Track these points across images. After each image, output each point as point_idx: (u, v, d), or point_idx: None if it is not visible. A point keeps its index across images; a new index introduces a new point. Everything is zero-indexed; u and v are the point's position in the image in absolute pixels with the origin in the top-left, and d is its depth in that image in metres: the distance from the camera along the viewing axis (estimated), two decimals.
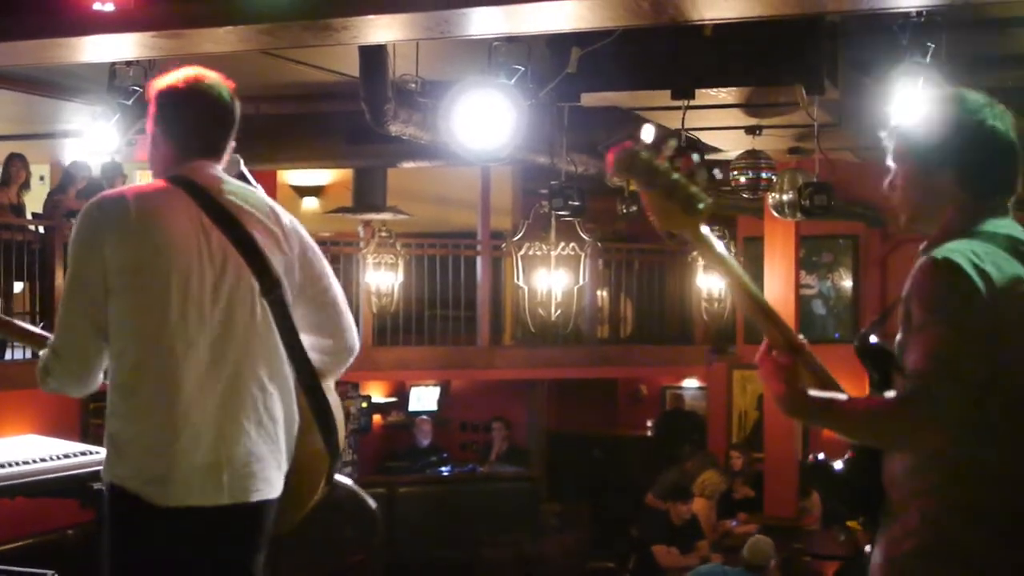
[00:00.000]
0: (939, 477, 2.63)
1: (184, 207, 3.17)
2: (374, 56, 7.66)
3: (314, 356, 3.35)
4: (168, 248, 3.12)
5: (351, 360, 3.48)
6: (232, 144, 3.39)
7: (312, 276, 3.35)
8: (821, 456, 2.86)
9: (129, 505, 3.14)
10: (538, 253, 12.29)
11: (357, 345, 3.48)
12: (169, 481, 3.12)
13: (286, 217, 3.36)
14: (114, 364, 3.19)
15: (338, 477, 3.60)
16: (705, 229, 2.57)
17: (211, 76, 3.33)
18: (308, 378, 3.32)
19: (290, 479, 3.31)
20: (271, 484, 3.25)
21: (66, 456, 4.54)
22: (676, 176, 2.52)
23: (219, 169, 3.32)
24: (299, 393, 3.31)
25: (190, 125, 3.31)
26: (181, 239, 3.13)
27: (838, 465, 2.83)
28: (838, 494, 2.94)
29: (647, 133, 2.68)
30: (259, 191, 3.47)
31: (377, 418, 13.84)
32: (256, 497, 3.21)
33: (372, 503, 4.05)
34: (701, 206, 2.53)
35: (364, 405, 13.00)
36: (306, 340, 3.33)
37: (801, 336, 2.72)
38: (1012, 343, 2.58)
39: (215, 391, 3.14)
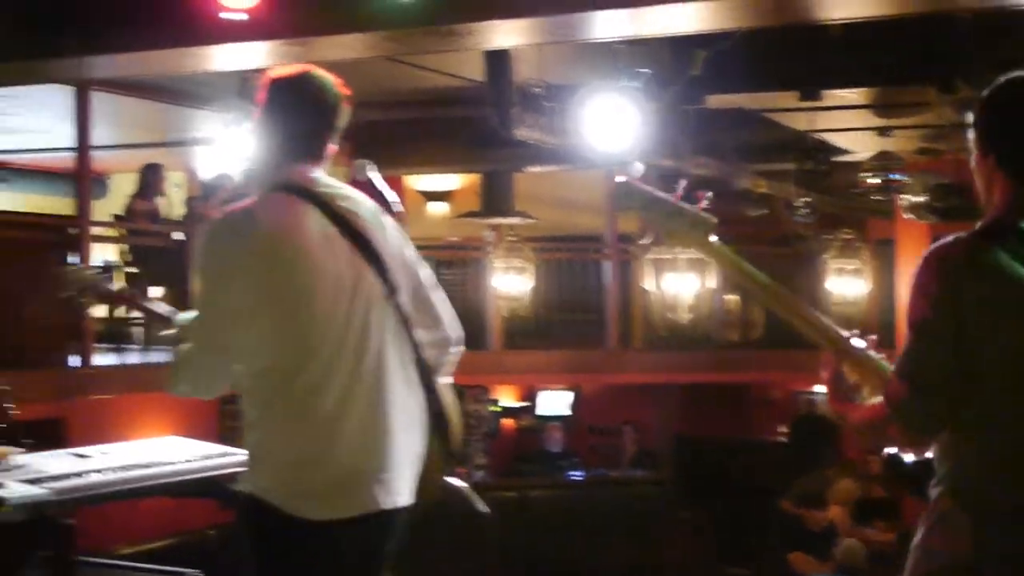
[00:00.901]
0: (944, 467, 2.68)
1: (307, 217, 3.16)
2: (499, 61, 7.71)
3: (428, 352, 3.35)
4: (301, 262, 3.11)
5: (454, 351, 3.45)
6: (335, 145, 3.33)
7: (411, 273, 3.34)
8: (894, 450, 2.93)
9: (272, 517, 3.13)
10: (666, 256, 12.22)
11: (454, 335, 3.44)
12: (317, 495, 3.13)
13: (386, 218, 3.35)
14: (254, 378, 3.17)
15: (451, 481, 3.59)
16: (715, 240, 2.79)
17: (320, 73, 3.29)
18: (425, 378, 3.31)
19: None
20: (408, 489, 3.25)
21: (206, 457, 4.64)
22: (672, 202, 2.80)
23: (321, 172, 3.29)
24: None
25: (294, 119, 3.26)
26: (312, 251, 3.12)
27: (908, 458, 2.92)
28: (910, 487, 2.97)
29: (635, 169, 3.01)
30: (388, 195, 3.50)
31: (508, 422, 13.87)
32: (396, 504, 3.21)
33: (484, 508, 4.06)
34: (704, 226, 2.78)
35: (494, 409, 13.04)
36: (421, 336, 3.33)
37: (853, 332, 2.80)
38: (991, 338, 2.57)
39: (358, 401, 3.14)
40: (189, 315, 3.34)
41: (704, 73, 6.68)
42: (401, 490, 3.22)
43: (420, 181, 14.42)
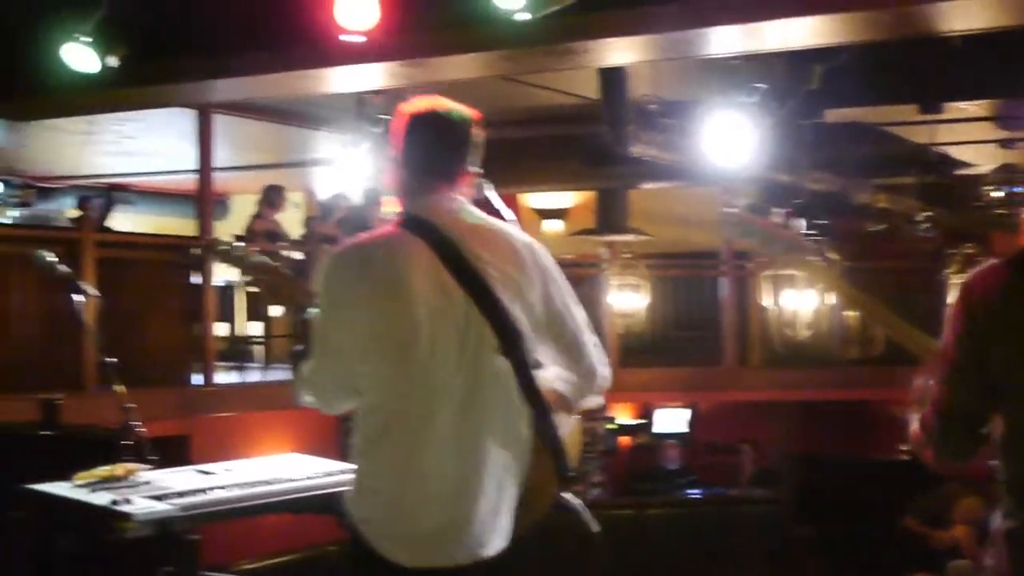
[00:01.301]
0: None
1: (423, 260, 3.13)
2: (614, 78, 7.70)
3: (560, 385, 3.29)
4: (412, 307, 3.08)
5: (598, 389, 3.38)
6: (471, 170, 3.32)
7: (553, 312, 3.25)
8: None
9: (362, 549, 3.15)
10: (784, 273, 12.09)
11: (600, 375, 3.35)
12: (407, 541, 3.13)
13: (528, 249, 3.26)
14: (363, 414, 3.19)
15: (566, 498, 3.56)
16: (816, 260, 3.03)
17: (449, 103, 3.30)
18: (541, 416, 3.23)
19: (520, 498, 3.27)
20: (505, 535, 3.21)
21: (327, 474, 4.68)
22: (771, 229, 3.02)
23: (456, 199, 3.27)
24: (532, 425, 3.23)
25: (424, 150, 3.26)
26: (425, 296, 3.09)
27: None
28: None
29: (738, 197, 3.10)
30: (505, 213, 3.49)
31: (624, 439, 13.82)
32: (479, 557, 3.16)
33: (596, 527, 4.03)
34: (802, 248, 2.98)
35: (610, 427, 13.01)
36: (551, 371, 3.29)
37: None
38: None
39: (457, 451, 3.11)
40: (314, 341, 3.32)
41: (821, 87, 6.60)
42: (496, 539, 3.18)
43: (535, 199, 14.46)
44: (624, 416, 13.97)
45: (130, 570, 5.43)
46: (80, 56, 5.64)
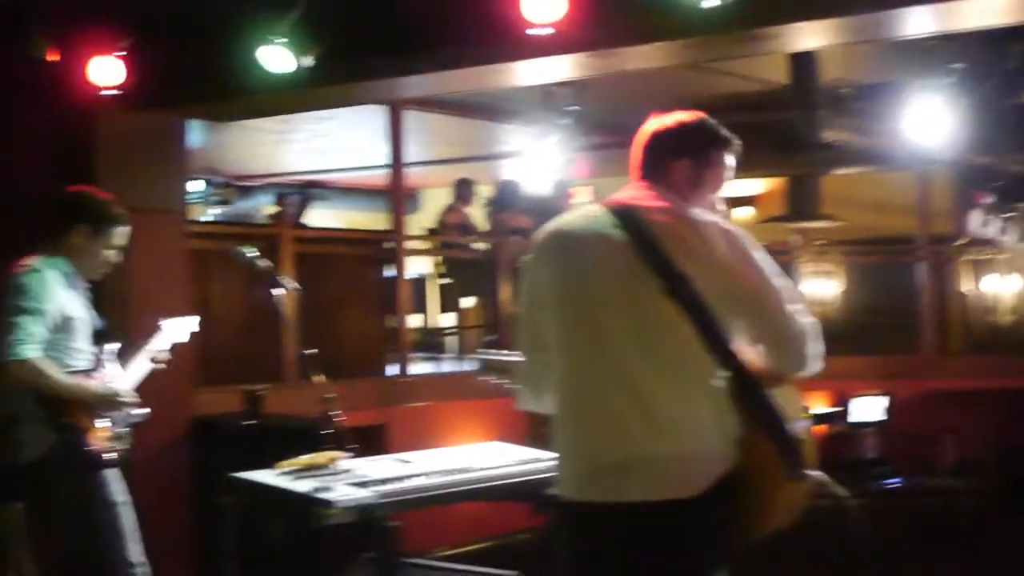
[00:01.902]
0: None
1: (598, 223, 3.33)
2: (804, 63, 7.59)
3: (762, 358, 3.29)
4: (580, 264, 3.29)
5: (802, 371, 3.37)
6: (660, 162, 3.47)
7: (741, 284, 3.26)
8: None
9: (560, 506, 3.32)
10: (985, 257, 11.71)
11: (805, 354, 3.32)
12: (581, 479, 3.26)
13: (708, 220, 3.34)
14: (556, 377, 3.36)
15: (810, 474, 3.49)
16: None
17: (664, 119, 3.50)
18: (739, 377, 3.23)
19: (741, 489, 3.24)
20: (688, 481, 3.18)
21: (520, 462, 4.76)
22: None
23: (656, 189, 3.42)
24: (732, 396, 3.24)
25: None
26: (592, 253, 3.29)
27: None
28: None
29: None
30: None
31: (819, 428, 13.60)
32: (670, 495, 3.17)
33: (843, 491, 3.96)
34: None
35: (805, 416, 12.82)
36: (749, 347, 3.29)
37: None
38: None
39: (632, 397, 3.19)
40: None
41: (1021, 66, 6.39)
42: (678, 481, 3.17)
43: (724, 187, 14.33)
44: (819, 405, 13.74)
45: (332, 555, 5.59)
46: (276, 57, 5.80)
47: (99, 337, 5.23)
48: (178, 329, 5.59)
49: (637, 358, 3.20)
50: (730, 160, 3.63)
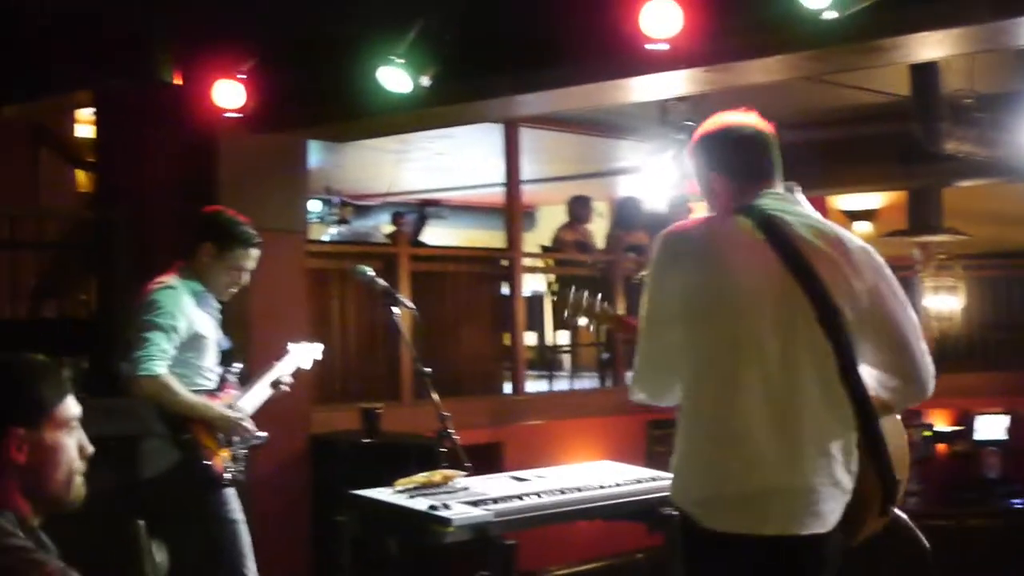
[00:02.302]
0: None
1: (744, 235, 3.21)
2: (925, 73, 7.44)
3: (878, 390, 3.26)
4: (728, 278, 3.17)
5: (920, 398, 3.36)
6: (779, 169, 3.41)
7: (882, 310, 3.22)
8: None
9: (683, 525, 3.26)
10: None
11: (930, 388, 3.31)
12: (714, 504, 3.17)
13: (856, 245, 3.28)
14: (683, 387, 3.27)
15: (895, 511, 3.48)
16: None
17: (742, 117, 3.42)
18: (864, 412, 3.19)
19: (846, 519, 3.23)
20: (823, 518, 3.17)
21: (637, 481, 4.72)
22: None
23: (780, 194, 3.35)
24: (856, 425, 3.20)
25: (735, 160, 3.38)
26: (742, 268, 3.17)
27: None
28: None
29: None
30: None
31: (940, 447, 13.31)
32: (805, 531, 3.14)
33: (925, 543, 3.89)
34: None
35: (926, 434, 12.55)
36: (871, 374, 3.24)
37: None
38: None
39: (772, 421, 3.12)
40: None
41: None
42: (811, 518, 3.15)
43: (843, 201, 14.13)
44: (940, 423, 13.45)
45: (448, 574, 5.59)
46: (394, 78, 5.86)
47: (226, 357, 5.31)
48: (304, 354, 5.65)
49: (782, 384, 3.14)
50: None
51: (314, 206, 14.46)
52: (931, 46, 5.47)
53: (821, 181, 10.44)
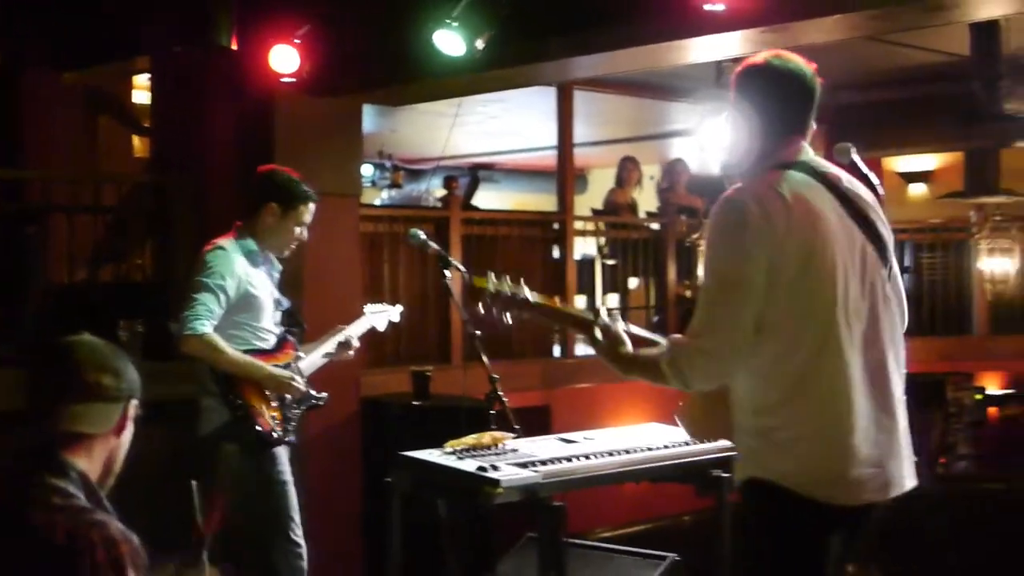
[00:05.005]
0: None
1: (823, 197, 3.17)
2: (986, 32, 7.34)
3: None
4: (825, 242, 3.10)
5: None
6: (814, 124, 3.32)
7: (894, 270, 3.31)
8: None
9: (789, 503, 3.12)
10: None
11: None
12: (844, 480, 3.10)
13: (874, 200, 3.34)
14: (771, 369, 3.15)
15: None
16: None
17: (789, 55, 3.32)
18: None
19: None
20: (911, 476, 3.23)
21: (686, 443, 4.71)
22: None
23: (809, 150, 3.30)
24: None
25: (777, 102, 3.28)
26: (832, 232, 3.12)
27: None
28: None
29: None
30: (871, 178, 3.45)
31: (992, 410, 13.20)
32: (903, 490, 3.19)
33: None
34: None
35: (978, 397, 12.45)
36: None
37: None
38: None
39: (870, 383, 3.13)
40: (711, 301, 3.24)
41: None
42: (907, 476, 3.21)
43: (899, 162, 13.99)
44: (992, 386, 13.34)
45: (498, 534, 5.64)
46: (449, 41, 5.85)
47: (288, 317, 5.35)
48: (379, 316, 5.68)
49: (875, 346, 3.16)
50: None
51: (367, 170, 14.50)
52: (992, 4, 5.40)
53: (878, 142, 10.34)
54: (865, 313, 3.13)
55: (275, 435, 5.04)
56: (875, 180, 3.47)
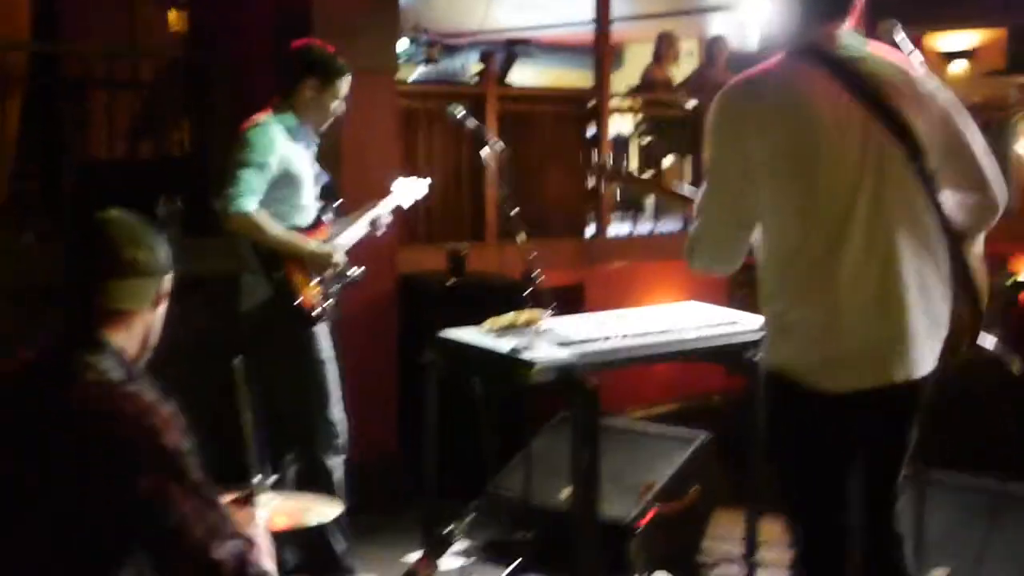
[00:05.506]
0: None
1: (820, 81, 3.15)
2: None
3: (957, 216, 3.28)
4: (812, 128, 3.11)
5: (997, 216, 3.36)
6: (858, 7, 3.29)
7: (952, 132, 3.25)
8: None
9: (789, 390, 3.21)
10: None
11: (1003, 198, 3.33)
12: (834, 365, 3.16)
13: (922, 80, 3.27)
14: (769, 247, 3.23)
15: (983, 342, 3.51)
16: None
17: None
18: (953, 243, 3.25)
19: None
20: (925, 361, 3.22)
21: (717, 324, 4.74)
22: None
23: (846, 33, 3.26)
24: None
25: None
26: (823, 117, 3.11)
27: None
28: None
29: None
30: (914, 57, 3.41)
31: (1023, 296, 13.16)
32: (911, 376, 3.19)
33: (1018, 366, 3.91)
34: None
35: (1008, 283, 12.41)
36: (950, 198, 3.27)
37: None
38: None
39: (872, 268, 3.13)
40: (703, 190, 3.37)
41: None
42: (918, 361, 3.19)
43: (941, 40, 13.78)
44: None
45: (532, 413, 5.71)
46: None
47: (326, 193, 5.37)
48: (406, 192, 5.70)
49: (880, 228, 3.14)
50: None
51: (402, 45, 14.37)
52: None
53: (920, 19, 10.17)
54: (867, 200, 3.12)
55: (316, 311, 5.10)
56: (919, 59, 3.44)
